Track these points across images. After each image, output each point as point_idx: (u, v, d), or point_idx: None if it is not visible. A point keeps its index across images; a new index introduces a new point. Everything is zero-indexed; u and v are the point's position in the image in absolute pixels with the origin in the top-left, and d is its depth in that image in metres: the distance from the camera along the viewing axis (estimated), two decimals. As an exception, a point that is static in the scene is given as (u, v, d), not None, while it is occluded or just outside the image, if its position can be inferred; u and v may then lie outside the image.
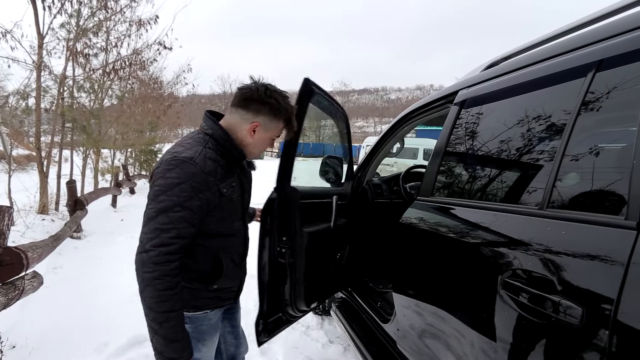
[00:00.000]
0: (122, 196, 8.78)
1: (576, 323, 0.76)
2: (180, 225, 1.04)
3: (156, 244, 1.03)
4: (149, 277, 1.02)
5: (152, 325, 1.06)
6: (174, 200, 1.04)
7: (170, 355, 1.08)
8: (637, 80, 0.81)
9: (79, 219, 4.71)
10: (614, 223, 0.77)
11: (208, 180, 1.10)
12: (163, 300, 1.04)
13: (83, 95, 7.19)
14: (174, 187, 1.04)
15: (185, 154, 1.09)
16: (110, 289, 3.31)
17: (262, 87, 1.18)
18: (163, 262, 1.02)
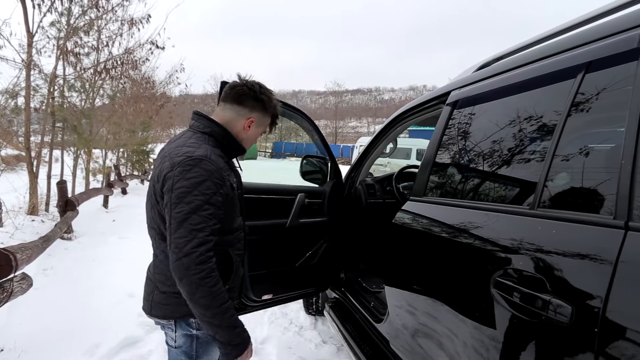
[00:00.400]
0: (114, 196, 8.70)
1: (566, 321, 0.77)
2: (211, 223, 1.06)
3: (196, 245, 1.02)
4: (198, 278, 1.01)
5: (213, 321, 1.06)
6: (201, 199, 1.04)
7: (237, 341, 1.10)
8: (625, 81, 0.82)
9: (69, 220, 4.65)
10: (603, 222, 0.78)
11: (223, 175, 1.12)
12: (217, 296, 1.04)
13: (74, 95, 7.11)
14: (198, 185, 1.05)
15: (198, 152, 1.10)
16: (102, 290, 3.27)
17: (257, 85, 1.23)
18: (206, 260, 1.03)
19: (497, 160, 1.21)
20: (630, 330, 0.66)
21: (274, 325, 2.93)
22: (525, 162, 1.10)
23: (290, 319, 3.07)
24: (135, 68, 8.27)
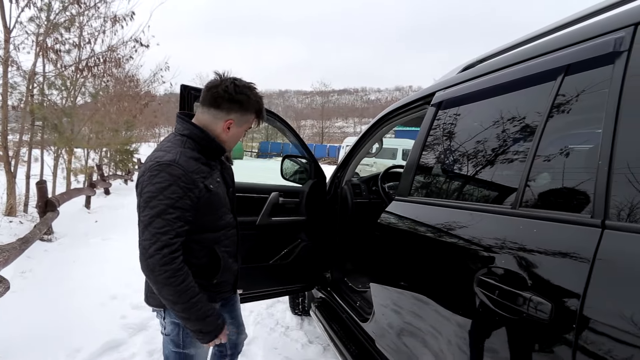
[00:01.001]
0: (97, 197, 8.52)
1: (545, 318, 0.78)
2: (176, 226, 1.11)
3: (159, 248, 1.08)
4: (163, 278, 1.08)
5: (182, 315, 1.15)
6: (166, 203, 1.09)
7: (208, 329, 1.19)
8: (602, 84, 0.84)
9: (49, 221, 4.53)
10: (581, 221, 0.79)
11: (194, 178, 1.16)
12: (183, 293, 1.11)
13: (54, 93, 6.94)
14: (163, 190, 1.10)
15: (166, 157, 1.14)
16: (84, 292, 3.20)
17: (231, 85, 1.21)
18: (169, 262, 1.09)
19: (481, 161, 1.23)
20: (606, 325, 0.68)
21: (260, 326, 2.91)
22: (507, 162, 1.12)
23: (277, 319, 3.05)
24: (119, 66, 8.11)
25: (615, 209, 0.73)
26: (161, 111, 21.23)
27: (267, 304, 3.28)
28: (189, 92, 1.88)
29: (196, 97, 1.92)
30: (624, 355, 0.64)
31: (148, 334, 2.69)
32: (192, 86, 1.91)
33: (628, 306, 0.65)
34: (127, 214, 7.23)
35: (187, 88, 1.88)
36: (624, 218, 0.72)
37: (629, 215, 0.71)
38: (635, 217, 0.70)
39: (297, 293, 2.88)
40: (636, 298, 0.66)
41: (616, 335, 0.66)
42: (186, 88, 1.87)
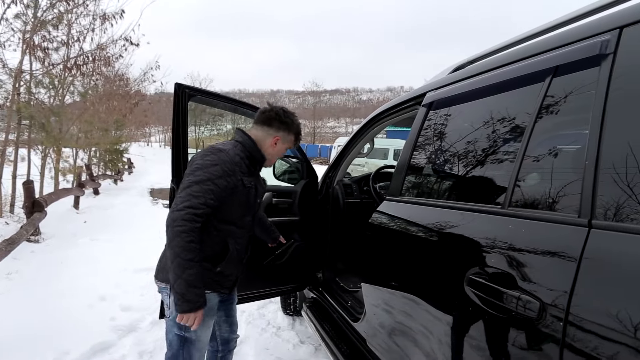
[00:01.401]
0: (86, 197, 8.41)
1: (534, 316, 0.79)
2: (207, 196, 1.31)
3: (188, 206, 1.27)
4: (179, 230, 1.25)
5: (177, 271, 1.26)
6: (206, 176, 1.32)
7: (189, 297, 1.28)
8: (588, 86, 0.86)
9: (36, 222, 4.46)
10: (568, 221, 0.81)
11: (234, 168, 1.39)
12: (188, 250, 1.25)
13: (42, 91, 6.83)
14: (209, 166, 1.33)
15: (220, 146, 1.42)
16: (72, 293, 3.15)
17: (281, 110, 1.55)
18: (190, 220, 1.26)
19: (471, 161, 1.24)
20: (592, 323, 0.69)
21: (251, 326, 2.90)
22: (497, 163, 1.13)
23: (268, 319, 3.04)
24: (108, 65, 8.00)
25: (601, 208, 0.75)
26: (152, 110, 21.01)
27: (259, 304, 3.27)
28: (183, 90, 1.84)
29: (190, 96, 1.88)
30: (610, 352, 0.66)
31: (138, 335, 2.66)
32: (187, 85, 1.88)
33: (614, 304, 0.67)
34: (118, 214, 7.15)
35: (182, 86, 1.84)
36: (610, 217, 0.73)
37: (614, 215, 0.72)
38: (621, 217, 0.71)
39: (289, 293, 2.88)
40: (621, 296, 0.67)
41: (602, 333, 0.67)
42: (180, 86, 1.84)
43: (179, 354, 1.45)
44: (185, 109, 1.84)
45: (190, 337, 1.43)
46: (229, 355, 1.80)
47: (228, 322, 1.73)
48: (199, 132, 37.37)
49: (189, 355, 1.46)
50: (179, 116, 1.82)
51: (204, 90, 2.03)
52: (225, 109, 2.25)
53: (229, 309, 1.72)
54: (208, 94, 2.04)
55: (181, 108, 1.82)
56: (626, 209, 0.71)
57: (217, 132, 11.60)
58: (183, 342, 1.44)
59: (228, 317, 1.73)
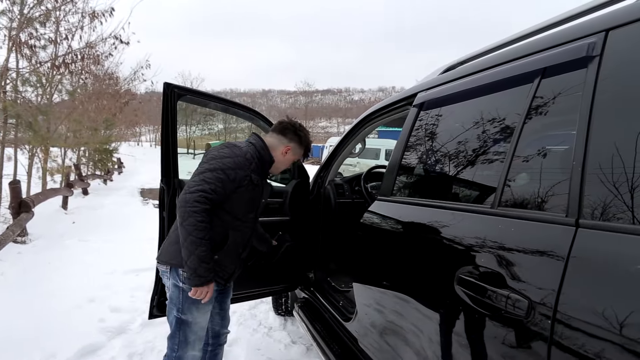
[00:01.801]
0: (74, 197, 8.28)
1: (522, 315, 0.80)
2: (217, 184, 1.42)
3: (200, 189, 1.39)
4: (191, 210, 1.37)
5: (190, 247, 1.38)
6: (219, 165, 1.45)
7: (201, 272, 1.40)
8: (576, 87, 0.87)
9: (23, 222, 4.38)
10: (556, 220, 0.82)
11: (245, 163, 1.51)
12: (200, 229, 1.37)
13: (29, 90, 6.70)
14: (223, 158, 1.47)
15: (236, 143, 1.58)
16: (59, 295, 3.11)
17: (298, 124, 1.70)
18: (202, 201, 1.38)
19: (461, 161, 1.25)
20: (580, 321, 0.70)
21: (242, 327, 2.89)
22: (487, 163, 1.14)
23: (260, 320, 3.03)
24: (98, 63, 7.90)
25: (588, 208, 0.76)
26: (142, 110, 20.81)
27: (250, 304, 3.26)
28: (172, 90, 1.83)
29: (180, 96, 1.88)
30: (596, 349, 0.67)
31: (127, 337, 2.63)
32: (176, 84, 1.87)
33: (600, 302, 0.68)
34: (107, 215, 7.06)
35: (170, 86, 1.84)
36: (596, 217, 0.74)
37: (601, 215, 0.73)
38: (607, 216, 0.72)
39: (281, 293, 2.87)
40: (607, 294, 0.68)
41: (589, 330, 0.68)
42: (169, 86, 1.83)
43: (176, 334, 1.55)
44: (174, 109, 1.83)
45: (186, 319, 1.52)
46: (219, 349, 1.86)
47: (221, 315, 1.81)
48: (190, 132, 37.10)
49: (185, 336, 1.55)
50: (168, 116, 1.81)
51: (193, 90, 2.01)
52: (216, 108, 2.24)
53: (223, 301, 1.79)
54: (198, 94, 2.03)
55: (170, 108, 1.81)
56: (612, 208, 0.72)
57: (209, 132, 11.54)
58: (180, 323, 1.53)
59: (221, 310, 1.80)
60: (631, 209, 0.69)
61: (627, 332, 0.62)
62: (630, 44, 0.78)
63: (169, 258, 1.51)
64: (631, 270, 0.65)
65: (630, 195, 0.69)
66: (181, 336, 1.54)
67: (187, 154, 18.09)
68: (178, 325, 1.54)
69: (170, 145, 1.83)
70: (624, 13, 0.82)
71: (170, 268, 1.52)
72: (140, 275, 3.70)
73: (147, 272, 3.64)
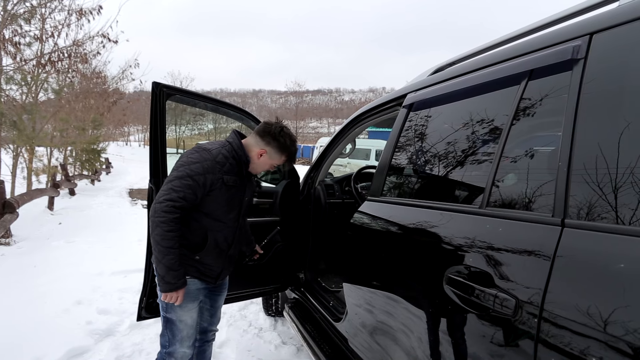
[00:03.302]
0: (61, 198, 8.14)
1: (510, 313, 0.81)
2: (186, 191, 1.42)
3: (167, 199, 1.40)
4: (159, 220, 1.39)
5: (158, 256, 1.41)
6: (187, 172, 1.43)
7: (169, 280, 1.44)
8: (561, 89, 0.88)
9: (7, 223, 4.28)
10: (543, 220, 0.83)
11: (215, 166, 1.48)
12: (167, 239, 1.40)
13: (13, 88, 6.56)
14: (191, 164, 1.45)
15: (205, 146, 1.53)
16: (45, 298, 3.05)
17: (279, 128, 1.60)
18: (169, 211, 1.40)
19: (450, 162, 1.26)
20: (565, 319, 0.71)
21: (232, 328, 2.87)
22: (476, 163, 1.15)
23: (250, 321, 3.02)
24: (85, 62, 7.79)
25: (574, 208, 0.77)
26: (130, 109, 20.56)
27: (240, 305, 3.24)
28: (161, 89, 1.82)
29: (169, 95, 1.86)
30: (582, 347, 0.68)
31: (115, 339, 2.59)
32: (165, 84, 1.85)
33: (585, 300, 0.69)
34: (95, 215, 6.96)
35: (159, 85, 1.82)
36: (582, 217, 0.75)
37: (587, 214, 0.75)
38: (592, 216, 0.74)
39: (271, 294, 2.86)
40: (592, 293, 0.69)
41: (575, 328, 0.69)
42: (158, 85, 1.81)
43: (165, 332, 1.62)
44: (163, 109, 1.82)
45: (171, 317, 1.57)
46: (206, 346, 1.88)
47: (211, 312, 1.83)
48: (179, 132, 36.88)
49: (172, 334, 1.60)
50: (157, 115, 1.80)
51: (182, 90, 2.00)
52: (205, 108, 2.22)
53: (214, 299, 1.82)
54: (187, 93, 2.01)
55: (159, 107, 1.80)
56: (597, 208, 0.73)
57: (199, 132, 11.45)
58: (166, 321, 1.59)
59: (212, 308, 1.82)
60: (615, 209, 0.70)
61: (611, 329, 0.63)
62: (614, 47, 0.80)
63: None
64: (615, 269, 0.66)
65: (614, 195, 0.71)
66: (169, 333, 1.60)
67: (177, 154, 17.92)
68: (165, 323, 1.60)
69: (159, 145, 1.81)
70: (608, 17, 0.84)
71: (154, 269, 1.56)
72: (129, 276, 3.65)
73: (136, 274, 3.59)
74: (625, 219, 0.68)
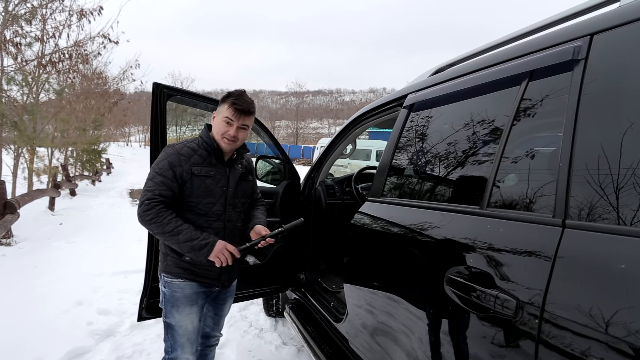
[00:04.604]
0: (62, 198, 8.15)
1: (511, 314, 0.81)
2: (161, 187, 1.45)
3: (145, 198, 1.44)
4: (147, 220, 1.42)
5: (172, 242, 1.45)
6: (156, 171, 1.48)
7: (199, 246, 1.44)
8: (562, 90, 0.88)
9: (8, 224, 4.29)
10: (543, 220, 0.83)
11: (180, 159, 1.49)
12: (165, 226, 1.42)
13: (14, 88, 6.57)
14: (158, 163, 1.50)
15: (171, 144, 1.57)
16: (46, 299, 3.05)
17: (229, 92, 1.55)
18: (152, 206, 1.43)
19: (451, 162, 1.25)
20: (567, 320, 0.71)
21: (233, 329, 2.87)
22: (476, 164, 1.15)
23: (250, 321, 3.02)
24: (86, 62, 7.80)
25: (575, 208, 0.77)
26: (131, 110, 20.58)
27: (241, 306, 3.24)
28: (162, 90, 1.82)
29: (169, 96, 1.86)
30: (583, 348, 0.68)
31: (116, 340, 2.59)
32: (166, 84, 1.85)
33: (586, 301, 0.69)
34: (95, 216, 6.96)
35: (160, 86, 1.82)
36: (583, 217, 0.75)
37: (587, 215, 0.74)
38: (593, 217, 0.74)
39: (272, 295, 2.86)
40: (594, 294, 0.69)
41: (576, 329, 0.69)
42: (159, 86, 1.81)
43: (166, 337, 1.61)
44: (163, 109, 1.82)
45: (170, 322, 1.57)
46: (208, 350, 1.85)
47: (215, 320, 1.80)
48: (180, 132, 36.78)
49: (173, 339, 1.58)
50: (158, 116, 1.80)
51: (183, 90, 2.00)
52: (206, 109, 2.22)
53: (219, 307, 1.78)
54: (187, 94, 2.01)
55: (160, 108, 1.80)
56: (598, 209, 0.73)
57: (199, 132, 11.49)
58: (166, 326, 1.59)
59: (215, 316, 1.79)
60: (616, 210, 0.70)
61: (612, 330, 0.63)
62: (615, 48, 0.80)
63: (158, 267, 1.61)
64: (616, 270, 0.66)
65: (616, 195, 0.71)
66: (170, 339, 1.59)
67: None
68: (166, 328, 1.60)
69: (160, 146, 1.81)
70: (608, 18, 0.84)
71: (161, 275, 1.59)
72: (129, 277, 3.65)
73: (136, 274, 3.59)
74: (627, 220, 0.68)
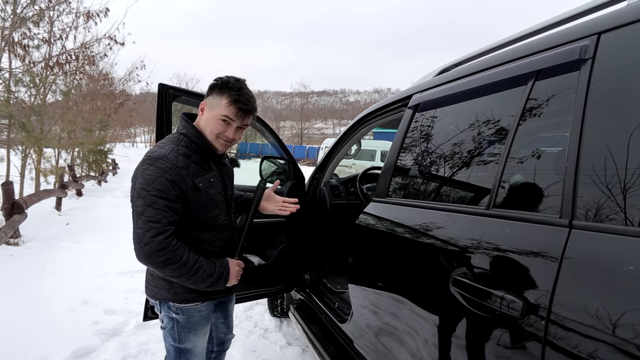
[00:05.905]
0: (68, 199, 8.22)
1: (517, 316, 0.80)
2: (167, 214, 1.18)
3: (152, 235, 1.15)
4: (161, 262, 1.17)
5: (190, 284, 1.25)
6: (154, 195, 1.17)
7: (215, 280, 1.29)
8: (569, 90, 0.88)
9: (16, 224, 4.33)
10: (550, 221, 0.82)
11: (181, 173, 1.23)
12: (183, 267, 1.20)
13: (22, 90, 6.65)
14: (152, 182, 1.17)
15: (157, 152, 1.23)
16: (53, 298, 3.07)
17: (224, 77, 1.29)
18: (165, 246, 1.16)
19: (456, 162, 1.25)
20: (574, 321, 0.70)
21: (238, 329, 2.87)
22: (482, 164, 1.14)
23: (255, 321, 3.02)
24: (92, 64, 7.87)
25: (581, 209, 0.76)
26: (137, 110, 20.73)
27: (245, 306, 3.25)
28: (167, 91, 1.83)
29: (175, 97, 1.87)
30: (590, 350, 0.67)
31: (121, 339, 2.61)
32: (171, 85, 1.86)
33: (593, 303, 0.68)
34: (101, 216, 7.01)
35: (165, 87, 1.83)
36: (590, 218, 0.74)
37: (594, 216, 0.74)
38: (600, 217, 0.73)
39: (277, 295, 2.86)
40: (601, 295, 0.68)
41: (583, 331, 0.68)
42: (164, 87, 1.82)
43: None
44: (169, 110, 1.83)
45: (185, 347, 1.39)
46: (222, 355, 1.79)
47: (226, 324, 1.70)
48: (185, 133, 36.93)
49: None
50: (163, 117, 1.81)
51: (188, 91, 2.01)
52: None
53: (226, 309, 1.68)
54: (193, 95, 2.02)
55: (165, 109, 1.81)
56: (605, 209, 0.72)
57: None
58: (179, 352, 1.40)
59: (225, 319, 1.70)
60: (624, 210, 0.70)
61: (620, 332, 0.63)
62: (622, 47, 0.79)
63: (153, 293, 1.35)
64: (623, 271, 0.66)
65: (623, 196, 0.70)
66: None
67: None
68: (178, 354, 1.41)
69: None
70: (616, 16, 0.83)
71: (159, 302, 1.37)
72: (135, 277, 3.67)
73: (141, 274, 3.58)
74: (635, 221, 0.68)
